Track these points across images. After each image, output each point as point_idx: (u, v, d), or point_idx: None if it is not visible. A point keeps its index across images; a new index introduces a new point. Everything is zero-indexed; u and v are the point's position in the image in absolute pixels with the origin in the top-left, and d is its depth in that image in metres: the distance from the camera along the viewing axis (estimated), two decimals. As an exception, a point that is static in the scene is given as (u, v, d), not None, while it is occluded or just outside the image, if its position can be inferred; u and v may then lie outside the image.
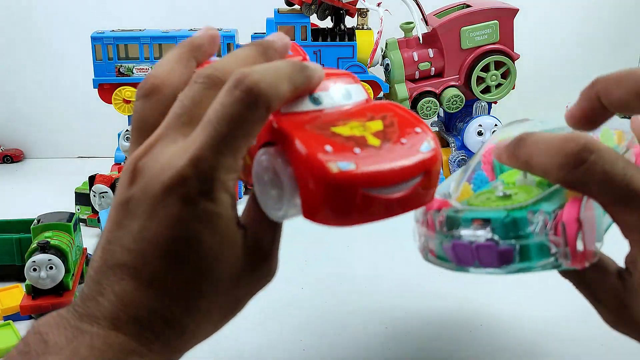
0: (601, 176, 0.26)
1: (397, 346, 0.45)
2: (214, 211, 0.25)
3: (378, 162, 0.27)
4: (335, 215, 0.27)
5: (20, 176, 0.93)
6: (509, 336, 0.46)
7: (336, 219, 0.27)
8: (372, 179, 0.27)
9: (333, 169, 0.26)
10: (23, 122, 1.01)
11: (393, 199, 0.28)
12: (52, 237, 0.50)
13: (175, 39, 0.79)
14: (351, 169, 0.26)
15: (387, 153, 0.28)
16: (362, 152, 0.27)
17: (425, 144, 0.29)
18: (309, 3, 0.79)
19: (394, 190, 0.28)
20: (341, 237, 0.67)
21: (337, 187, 0.26)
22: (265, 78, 0.25)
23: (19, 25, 0.97)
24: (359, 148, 0.28)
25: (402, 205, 0.28)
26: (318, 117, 0.29)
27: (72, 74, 0.97)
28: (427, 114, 0.84)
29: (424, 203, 0.29)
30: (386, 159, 0.28)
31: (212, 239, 0.26)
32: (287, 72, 0.27)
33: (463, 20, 0.82)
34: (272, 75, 0.26)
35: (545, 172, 0.28)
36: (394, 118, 0.30)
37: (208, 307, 0.27)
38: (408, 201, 0.28)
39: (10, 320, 0.47)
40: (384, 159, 0.28)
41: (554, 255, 0.27)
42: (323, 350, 0.44)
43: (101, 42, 0.79)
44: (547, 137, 0.28)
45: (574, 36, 1.04)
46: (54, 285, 0.49)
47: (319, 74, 0.29)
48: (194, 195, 0.25)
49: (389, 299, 0.52)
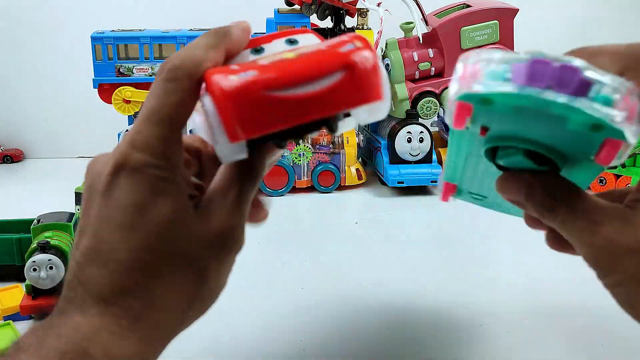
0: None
1: (397, 346, 0.45)
2: (158, 176, 0.27)
3: (284, 66, 0.27)
4: (250, 124, 0.27)
5: (20, 176, 0.93)
6: (509, 336, 0.46)
7: (252, 127, 0.27)
8: (272, 80, 0.26)
9: (232, 79, 0.26)
10: (23, 122, 1.01)
11: (304, 96, 0.27)
12: (52, 237, 0.50)
13: (175, 38, 0.80)
14: (251, 75, 0.27)
15: (299, 60, 0.27)
16: (270, 64, 0.27)
17: (347, 46, 0.28)
18: (309, 3, 0.79)
19: (305, 89, 0.27)
20: (341, 237, 0.67)
21: (236, 93, 0.26)
22: (180, 54, 0.28)
23: (18, 25, 0.97)
24: (268, 61, 0.28)
25: (324, 103, 0.27)
26: (250, 61, 0.29)
27: (72, 74, 0.98)
28: (427, 114, 0.84)
29: (360, 101, 0.28)
30: (297, 62, 0.27)
31: (162, 204, 0.27)
32: (202, 41, 0.29)
33: (463, 20, 0.82)
34: (187, 49, 0.28)
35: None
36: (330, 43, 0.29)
37: (170, 272, 0.27)
38: (331, 99, 0.27)
39: (10, 320, 0.47)
40: (294, 62, 0.27)
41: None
42: (323, 350, 0.44)
43: (101, 42, 0.79)
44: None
45: (574, 36, 1.04)
46: (54, 285, 0.49)
47: (239, 27, 0.30)
48: (136, 167, 0.27)
49: (390, 299, 0.52)
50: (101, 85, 0.81)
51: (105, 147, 0.31)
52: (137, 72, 0.80)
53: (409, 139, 0.81)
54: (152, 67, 0.80)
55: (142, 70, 0.80)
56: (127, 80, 0.80)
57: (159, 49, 0.80)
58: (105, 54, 0.79)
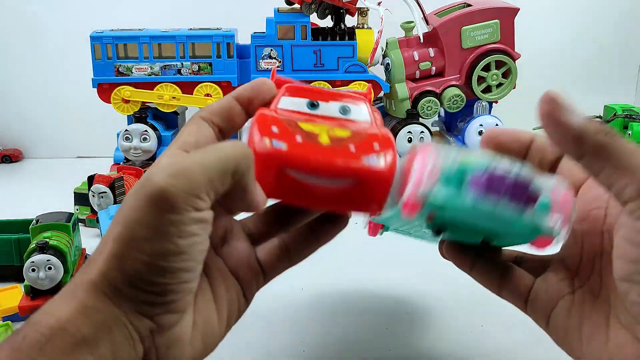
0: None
1: (397, 346, 0.44)
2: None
3: (311, 152, 0.29)
4: (267, 188, 0.30)
5: (19, 176, 0.93)
6: (509, 336, 0.45)
7: (268, 191, 0.30)
8: (295, 162, 0.29)
9: (266, 143, 0.29)
10: (22, 122, 1.01)
11: (317, 189, 0.30)
12: (51, 238, 0.50)
13: (175, 38, 0.79)
14: (281, 147, 0.29)
15: (327, 150, 0.29)
16: (303, 141, 0.29)
17: (373, 158, 0.30)
18: (309, 2, 0.79)
19: (319, 182, 0.29)
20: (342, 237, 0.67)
21: (262, 159, 0.29)
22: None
23: (18, 24, 0.97)
24: (302, 137, 0.30)
25: (332, 200, 0.30)
26: (299, 115, 0.32)
27: (71, 74, 0.97)
28: (427, 114, 0.84)
29: (363, 211, 0.31)
30: (321, 152, 0.29)
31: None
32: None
33: (464, 19, 0.81)
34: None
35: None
36: (366, 133, 0.31)
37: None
38: (338, 199, 0.30)
39: (9, 321, 0.47)
40: (320, 152, 0.29)
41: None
42: (323, 350, 0.44)
43: (100, 42, 0.79)
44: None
45: (575, 35, 1.04)
46: (53, 285, 0.49)
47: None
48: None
49: (390, 300, 0.52)
50: (100, 85, 0.80)
51: (104, 147, 0.32)
52: (137, 72, 0.80)
53: (409, 138, 0.81)
54: (151, 66, 0.80)
55: (142, 69, 0.80)
56: (126, 79, 0.80)
57: (158, 49, 0.80)
58: (104, 53, 0.79)
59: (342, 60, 0.82)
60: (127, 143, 0.80)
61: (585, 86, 1.05)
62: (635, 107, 0.86)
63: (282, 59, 0.81)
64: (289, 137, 0.29)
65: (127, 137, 0.80)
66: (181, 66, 0.80)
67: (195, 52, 0.80)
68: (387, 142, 0.31)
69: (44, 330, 0.24)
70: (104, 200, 0.66)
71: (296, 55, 0.81)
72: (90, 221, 0.68)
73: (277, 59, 0.81)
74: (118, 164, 0.81)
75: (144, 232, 0.25)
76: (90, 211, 0.69)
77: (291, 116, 0.32)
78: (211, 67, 0.80)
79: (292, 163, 0.29)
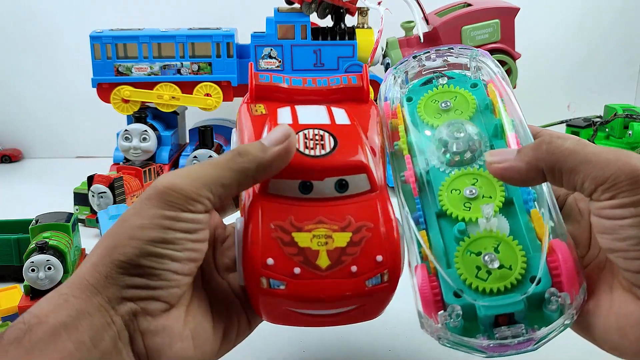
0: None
1: (397, 347, 0.44)
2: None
3: (311, 287, 0.29)
4: (269, 317, 0.31)
5: (18, 176, 0.93)
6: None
7: (266, 318, 0.32)
8: (296, 302, 0.29)
9: (263, 284, 0.29)
10: (22, 122, 1.01)
11: (320, 316, 0.31)
12: (51, 238, 0.50)
13: (174, 38, 0.79)
14: (280, 288, 0.29)
15: (327, 280, 0.29)
16: (302, 272, 0.29)
17: (374, 280, 0.30)
18: (309, 2, 0.79)
19: (322, 312, 0.30)
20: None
21: (263, 300, 0.30)
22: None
23: (17, 24, 0.97)
24: (301, 266, 0.29)
25: (337, 321, 0.31)
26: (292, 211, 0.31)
27: (71, 74, 0.97)
28: (427, 114, 0.84)
29: (368, 318, 0.32)
30: (322, 286, 0.29)
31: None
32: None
33: (464, 19, 0.81)
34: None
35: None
36: (367, 233, 0.31)
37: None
38: (342, 319, 0.31)
39: (8, 321, 0.47)
40: (320, 285, 0.29)
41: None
42: (323, 351, 0.44)
43: (100, 42, 0.79)
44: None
45: (575, 35, 1.04)
46: (53, 285, 0.48)
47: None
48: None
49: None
50: (100, 85, 0.80)
51: (104, 147, 0.32)
52: (136, 72, 0.80)
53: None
54: (151, 66, 0.80)
55: (141, 69, 0.80)
56: (125, 79, 0.80)
57: (157, 48, 0.80)
58: (104, 53, 0.79)
59: (342, 60, 0.81)
60: (126, 143, 0.80)
61: (586, 86, 1.05)
62: (636, 107, 0.86)
63: (282, 58, 0.81)
64: (287, 270, 0.29)
65: (127, 137, 0.80)
66: (181, 66, 0.80)
67: (195, 52, 0.80)
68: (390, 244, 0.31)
69: (22, 325, 0.26)
70: (104, 200, 0.66)
71: (296, 55, 0.81)
72: (90, 221, 0.68)
73: (277, 58, 0.81)
74: (118, 164, 0.81)
75: (139, 221, 0.28)
76: (90, 211, 0.69)
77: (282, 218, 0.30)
78: (211, 66, 0.80)
79: (293, 304, 0.30)
